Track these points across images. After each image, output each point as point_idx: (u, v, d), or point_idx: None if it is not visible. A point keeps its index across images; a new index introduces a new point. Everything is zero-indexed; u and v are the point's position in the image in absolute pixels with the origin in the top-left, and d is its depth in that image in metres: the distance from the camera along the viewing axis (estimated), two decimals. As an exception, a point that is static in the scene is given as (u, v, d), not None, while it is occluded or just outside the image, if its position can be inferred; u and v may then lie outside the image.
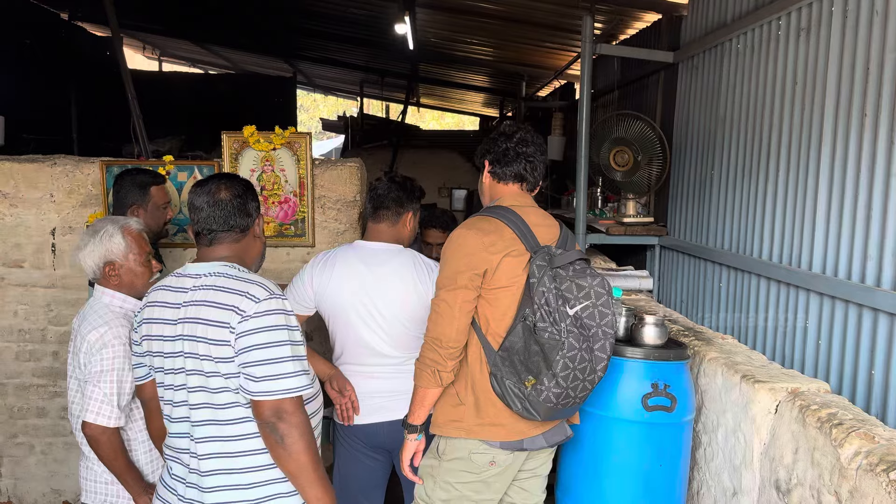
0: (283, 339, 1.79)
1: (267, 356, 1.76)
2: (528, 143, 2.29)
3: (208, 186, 1.95)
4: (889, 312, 2.41)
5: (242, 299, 1.80)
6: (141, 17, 9.71)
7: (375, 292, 2.49)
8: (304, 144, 3.76)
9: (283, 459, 1.79)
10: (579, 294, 2.08)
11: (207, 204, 1.92)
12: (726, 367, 2.59)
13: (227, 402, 1.83)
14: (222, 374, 1.80)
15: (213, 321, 1.80)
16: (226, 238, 1.94)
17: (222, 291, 1.82)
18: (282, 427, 1.76)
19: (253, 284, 1.83)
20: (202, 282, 1.87)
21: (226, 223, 1.93)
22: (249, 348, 1.76)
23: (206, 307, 1.82)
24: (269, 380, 1.76)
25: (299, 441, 1.78)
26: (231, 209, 1.94)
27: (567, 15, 5.68)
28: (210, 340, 1.80)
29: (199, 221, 1.94)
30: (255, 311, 1.78)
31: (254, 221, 2.00)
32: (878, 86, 2.53)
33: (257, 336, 1.77)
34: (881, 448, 1.83)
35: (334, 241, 3.82)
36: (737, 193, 3.54)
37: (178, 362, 1.87)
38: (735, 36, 3.62)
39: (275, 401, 1.76)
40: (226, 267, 1.90)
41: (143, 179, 3.03)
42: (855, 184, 2.62)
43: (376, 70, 11.67)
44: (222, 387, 1.82)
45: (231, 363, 1.79)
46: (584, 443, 2.59)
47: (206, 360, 1.81)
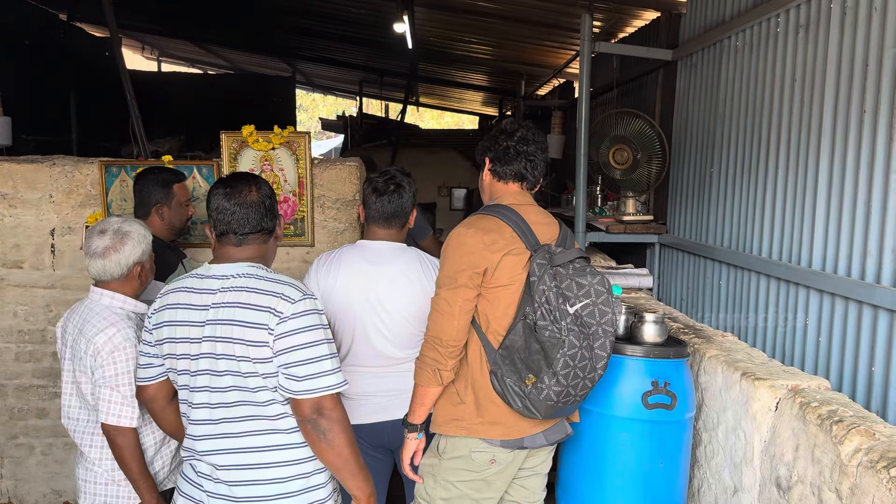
0: (320, 339, 1.84)
1: (307, 356, 1.81)
2: (530, 142, 2.27)
3: (237, 187, 1.95)
4: (889, 309, 2.40)
5: (279, 301, 1.82)
6: (140, 17, 9.70)
7: (383, 292, 2.49)
8: (303, 144, 3.75)
9: (326, 453, 1.86)
10: (579, 292, 2.08)
11: (240, 206, 1.93)
12: (726, 365, 2.59)
13: (267, 400, 1.87)
14: (260, 375, 1.84)
15: (250, 323, 1.82)
16: (255, 240, 1.96)
17: (256, 293, 1.84)
18: (323, 423, 1.83)
19: (286, 286, 1.86)
20: (231, 283, 1.88)
21: (258, 225, 1.95)
22: (290, 349, 1.81)
23: (241, 309, 1.84)
24: (310, 378, 1.81)
25: (341, 435, 1.84)
26: (263, 211, 1.96)
27: (566, 13, 5.67)
28: (248, 342, 1.82)
29: (228, 223, 1.93)
30: (292, 313, 1.81)
31: (278, 223, 2.04)
32: (877, 82, 2.53)
33: (297, 337, 1.81)
34: (882, 445, 1.83)
35: (334, 241, 3.82)
36: (736, 191, 3.54)
37: (204, 364, 1.88)
38: (734, 33, 3.62)
39: (316, 398, 1.82)
40: (253, 268, 1.91)
41: (165, 177, 3.06)
42: (854, 180, 2.62)
43: (375, 69, 11.66)
44: (260, 386, 1.86)
45: (269, 363, 1.83)
46: (584, 441, 2.59)
47: (244, 361, 1.84)
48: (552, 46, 7.36)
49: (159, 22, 10.31)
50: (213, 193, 1.97)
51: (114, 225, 2.34)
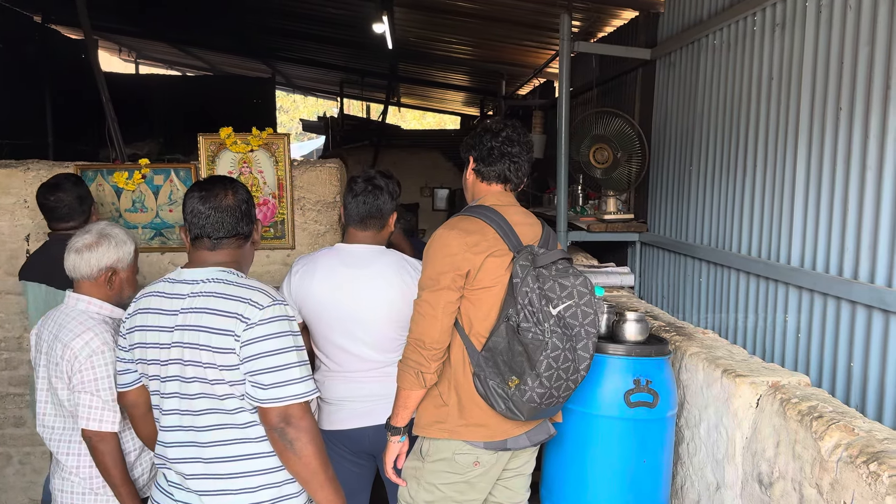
0: (288, 346, 1.80)
1: (274, 363, 1.77)
2: (515, 143, 2.25)
3: (214, 191, 1.92)
4: (866, 304, 2.43)
5: (246, 306, 1.79)
6: (117, 19, 9.60)
7: (359, 295, 2.46)
8: (283, 146, 3.73)
9: (294, 463, 1.81)
10: (562, 293, 2.08)
11: (215, 209, 1.90)
12: (707, 362, 2.60)
13: (235, 408, 1.83)
14: (227, 382, 1.80)
15: (216, 329, 1.79)
16: (230, 244, 1.93)
17: (224, 298, 1.81)
18: (291, 432, 1.78)
19: (255, 291, 1.83)
20: (200, 288, 1.85)
21: (233, 229, 1.92)
22: (256, 356, 1.77)
23: (207, 314, 1.80)
24: (277, 387, 1.76)
25: (309, 445, 1.79)
26: (239, 215, 1.93)
27: (545, 13, 5.68)
28: (214, 348, 1.79)
29: (203, 226, 1.90)
30: (259, 319, 1.78)
31: (254, 228, 2.00)
32: (852, 80, 2.55)
33: (264, 344, 1.77)
34: (861, 440, 1.84)
35: (315, 243, 3.79)
36: (715, 189, 3.56)
37: (173, 370, 1.85)
38: (711, 32, 3.64)
39: (283, 407, 1.77)
40: (224, 273, 1.88)
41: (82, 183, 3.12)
42: (831, 177, 2.64)
43: (356, 70, 11.62)
44: (228, 393, 1.82)
45: (236, 370, 1.79)
46: (567, 440, 2.59)
47: (210, 368, 1.80)
48: (532, 46, 7.38)
49: (136, 24, 10.20)
50: (189, 196, 1.94)
51: (100, 226, 2.32)
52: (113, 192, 3.76)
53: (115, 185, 3.74)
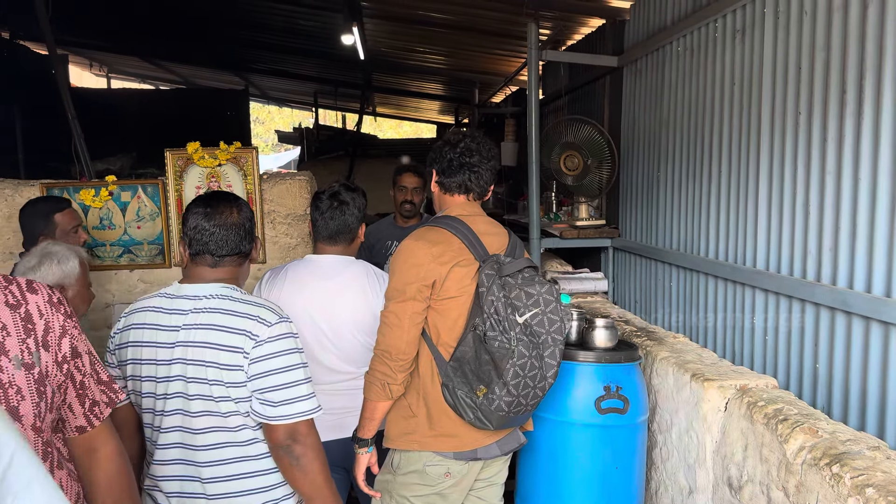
0: (296, 363, 1.81)
1: (284, 381, 1.77)
2: (473, 153, 2.26)
3: (219, 208, 1.89)
4: (829, 306, 2.46)
5: (255, 323, 1.78)
6: (87, 34, 9.51)
7: (327, 306, 2.45)
8: (251, 159, 3.71)
9: (300, 481, 1.81)
10: (528, 302, 2.08)
11: (220, 227, 1.87)
12: (677, 367, 2.62)
13: (238, 425, 1.82)
14: (233, 399, 1.79)
15: (223, 345, 1.77)
16: (231, 262, 1.91)
17: (231, 315, 1.79)
18: (297, 449, 1.78)
19: (262, 308, 1.83)
20: (203, 304, 1.82)
21: (236, 247, 1.90)
22: (266, 373, 1.76)
23: (214, 331, 1.78)
24: (286, 404, 1.77)
25: (315, 462, 1.80)
26: (243, 233, 1.91)
27: (513, 22, 5.72)
28: (221, 365, 1.77)
29: (206, 243, 1.87)
30: (268, 336, 1.78)
31: (254, 247, 1.99)
32: (809, 84, 2.59)
33: (273, 361, 1.77)
34: (824, 442, 1.86)
35: (286, 256, 3.77)
36: (682, 194, 3.60)
37: (174, 386, 1.82)
38: (675, 39, 3.68)
39: (291, 424, 1.77)
40: (227, 289, 1.86)
41: (43, 208, 2.92)
42: (793, 181, 2.68)
43: (329, 80, 11.61)
44: (232, 411, 1.80)
45: (243, 388, 1.78)
46: (540, 448, 2.59)
47: (216, 385, 1.78)
48: (502, 55, 7.42)
49: (107, 38, 10.12)
50: (193, 213, 1.90)
51: (41, 246, 2.29)
52: (80, 209, 3.71)
53: (81, 202, 3.70)
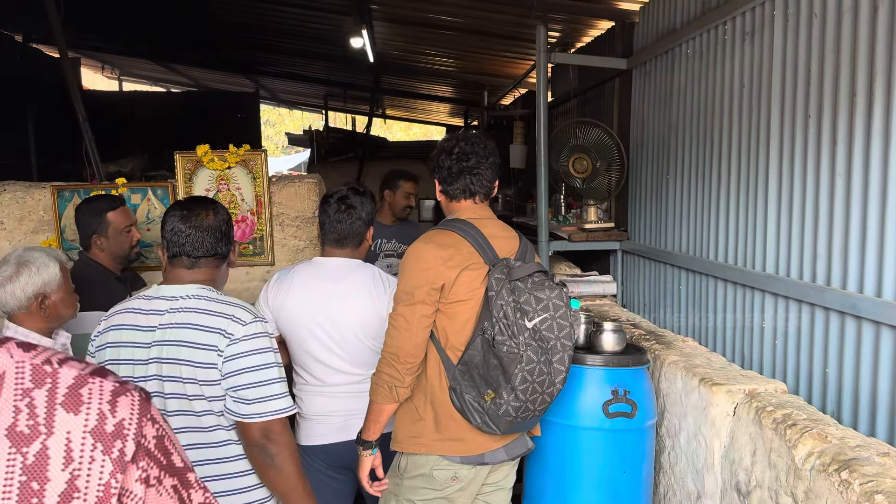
0: (270, 362, 1.83)
1: (257, 379, 1.80)
2: (470, 156, 2.25)
3: (194, 210, 1.95)
4: (839, 311, 2.44)
5: (229, 322, 1.82)
6: (99, 37, 9.58)
7: (334, 308, 2.46)
8: (260, 162, 3.72)
9: (274, 479, 1.83)
10: (538, 306, 2.08)
11: (195, 229, 1.92)
12: (686, 371, 2.61)
13: (212, 426, 1.85)
14: (206, 398, 1.82)
15: (199, 344, 1.81)
16: (208, 263, 1.96)
17: (205, 314, 1.83)
18: (271, 447, 1.81)
19: (237, 308, 1.87)
20: (180, 304, 1.87)
21: (212, 249, 1.95)
22: (239, 371, 1.80)
23: (189, 330, 1.82)
24: (259, 402, 1.80)
25: (289, 459, 1.82)
26: (219, 235, 1.96)
27: (523, 25, 5.71)
28: (196, 363, 1.80)
29: (182, 245, 1.92)
30: (243, 335, 1.81)
31: (232, 249, 2.04)
32: (819, 87, 2.57)
33: (247, 359, 1.80)
34: (833, 448, 1.85)
35: (294, 259, 3.78)
36: (691, 197, 3.58)
37: (150, 385, 1.85)
38: (684, 41, 3.66)
39: (265, 422, 1.80)
40: (203, 290, 1.90)
41: (97, 206, 2.97)
42: (802, 184, 2.66)
43: (339, 83, 11.64)
44: (206, 409, 1.84)
45: (216, 386, 1.81)
46: (548, 452, 2.59)
47: (190, 384, 1.82)
48: (511, 57, 7.41)
49: (119, 41, 10.18)
50: (170, 215, 1.96)
51: (17, 253, 2.26)
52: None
53: (92, 205, 3.71)
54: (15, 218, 3.73)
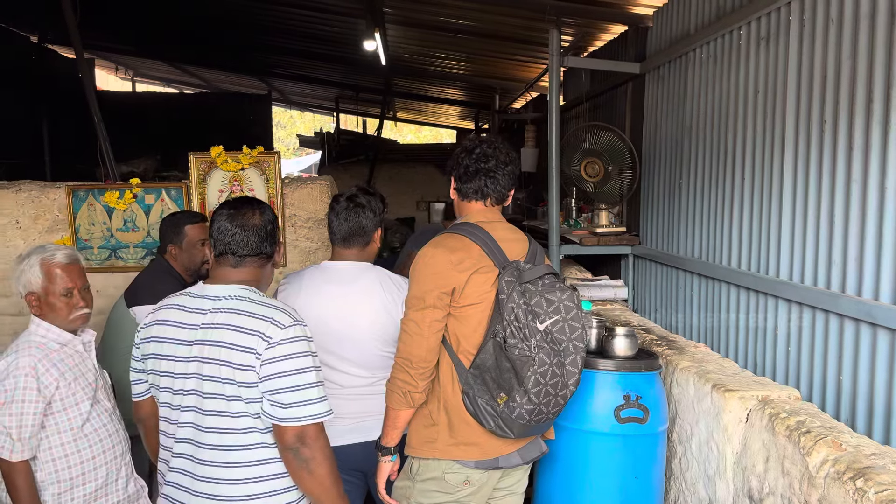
0: (308, 366, 1.84)
1: (294, 383, 1.80)
2: (489, 158, 2.25)
3: (241, 210, 1.97)
4: (853, 318, 2.42)
5: (269, 325, 1.82)
6: (113, 38, 9.65)
7: (342, 312, 2.46)
8: (273, 163, 3.74)
9: (308, 483, 1.84)
10: (549, 308, 2.07)
11: (241, 228, 1.94)
12: (698, 377, 2.60)
13: (246, 427, 1.85)
14: (243, 399, 1.83)
15: (238, 346, 1.82)
16: (253, 262, 1.96)
17: (246, 316, 1.85)
18: (306, 452, 1.81)
19: (277, 310, 1.86)
20: (223, 304, 1.88)
21: (257, 248, 1.95)
22: (277, 375, 1.80)
23: (230, 331, 1.83)
24: (296, 406, 1.80)
25: (323, 464, 1.83)
26: (264, 235, 1.97)
27: (535, 29, 5.72)
28: (234, 365, 1.81)
29: (228, 243, 1.94)
30: (281, 338, 1.81)
31: (277, 250, 2.04)
32: (835, 93, 2.56)
33: (285, 363, 1.80)
34: (848, 455, 1.84)
35: (306, 260, 3.80)
36: (704, 202, 3.57)
37: (190, 383, 1.87)
38: (698, 46, 3.66)
39: (300, 426, 1.80)
40: (246, 291, 1.91)
41: (178, 218, 3.08)
42: (817, 190, 2.65)
43: (351, 86, 11.68)
44: (242, 411, 1.84)
45: (254, 388, 1.81)
46: (559, 457, 2.58)
47: (229, 384, 1.83)
48: (523, 61, 7.42)
49: (133, 42, 10.26)
50: (217, 214, 1.98)
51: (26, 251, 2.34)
52: (104, 211, 3.76)
53: (106, 204, 3.75)
54: (30, 217, 3.77)
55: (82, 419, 2.23)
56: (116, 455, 2.34)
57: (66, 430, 2.21)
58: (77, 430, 2.23)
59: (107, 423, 2.32)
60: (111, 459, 2.31)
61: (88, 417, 2.25)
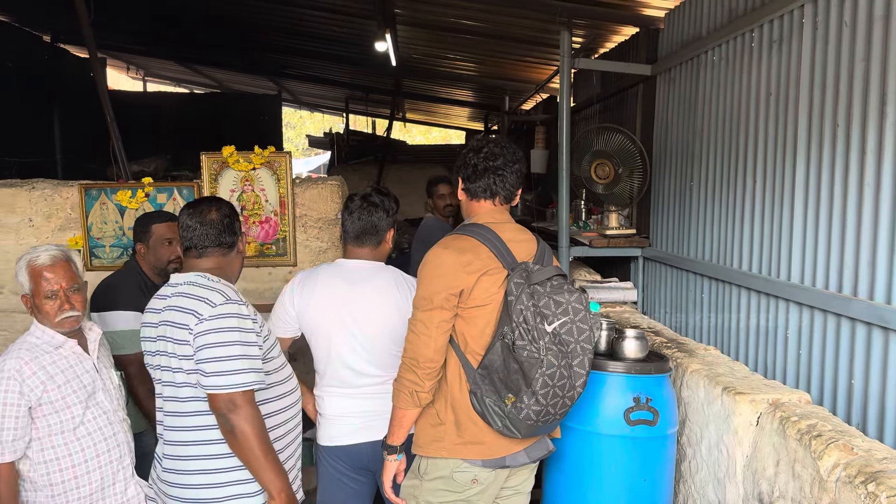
0: (233, 340, 2.03)
1: (217, 354, 2.01)
2: (497, 156, 2.25)
3: (199, 208, 2.21)
4: (866, 322, 2.41)
5: (201, 304, 2.05)
6: (125, 37, 9.71)
7: (357, 310, 2.47)
8: (284, 163, 3.76)
9: (236, 448, 2.03)
10: (557, 310, 2.07)
11: (200, 223, 2.18)
12: (708, 379, 2.59)
13: (188, 396, 2.09)
14: (184, 371, 2.07)
15: (178, 323, 2.06)
16: (214, 253, 2.20)
17: (188, 297, 2.08)
18: (232, 418, 2.00)
19: (214, 292, 2.09)
20: (178, 290, 2.13)
21: (216, 240, 2.19)
22: (203, 347, 2.01)
23: (175, 311, 2.08)
24: (218, 375, 2.00)
25: (249, 430, 2.00)
26: (222, 228, 2.20)
27: (546, 30, 5.72)
28: (176, 340, 2.06)
29: (191, 238, 2.18)
30: (210, 315, 2.03)
31: (238, 239, 2.27)
32: (848, 96, 2.55)
33: (210, 336, 2.02)
34: (859, 459, 1.83)
35: (316, 260, 3.81)
36: (715, 204, 3.56)
37: (156, 360, 2.15)
38: (710, 48, 3.65)
39: (226, 394, 2.00)
40: (199, 277, 2.14)
41: (147, 218, 3.10)
42: (830, 193, 2.64)
43: (361, 86, 11.70)
44: (184, 382, 2.08)
45: (190, 360, 2.04)
46: (567, 458, 2.58)
47: (173, 358, 2.08)
48: (534, 62, 7.41)
49: (144, 42, 10.31)
50: (181, 214, 2.23)
51: None
52: (116, 210, 3.79)
53: (118, 203, 3.77)
54: (43, 215, 3.80)
55: (74, 423, 2.21)
56: (112, 459, 2.31)
57: (58, 432, 2.19)
58: (69, 434, 2.21)
59: (103, 426, 2.29)
60: (106, 464, 2.28)
61: (82, 421, 2.23)
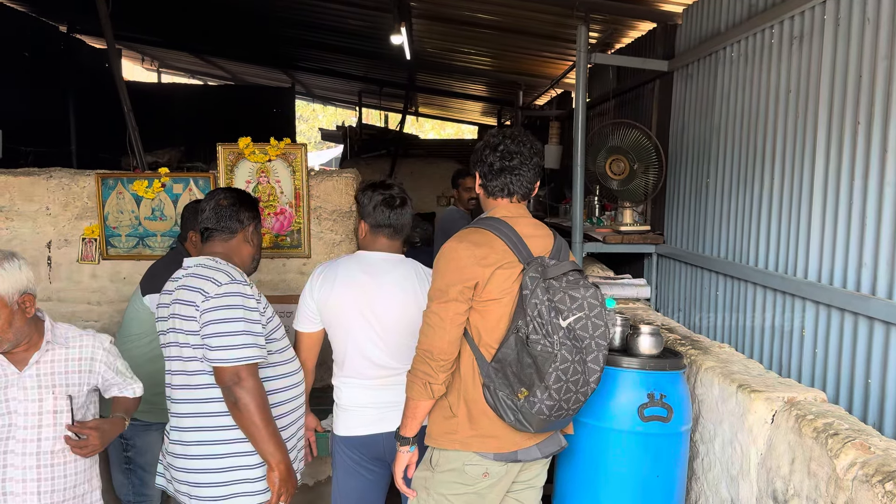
0: (237, 317, 2.17)
1: (222, 329, 2.14)
2: (513, 155, 2.24)
3: (214, 195, 2.42)
4: (884, 321, 2.40)
5: (207, 283, 2.20)
6: (140, 29, 9.74)
7: (377, 302, 2.49)
8: (300, 155, 3.76)
9: (238, 419, 2.16)
10: (572, 305, 2.07)
11: (210, 207, 2.38)
12: (723, 377, 2.58)
13: (196, 370, 2.22)
14: (192, 346, 2.21)
15: (187, 301, 2.21)
16: (218, 237, 2.37)
17: (196, 277, 2.23)
18: (236, 391, 2.12)
19: (219, 272, 2.23)
20: (188, 271, 2.29)
21: (218, 224, 2.36)
22: (208, 323, 2.15)
23: (184, 290, 2.22)
24: (223, 349, 2.13)
25: (251, 402, 2.13)
26: (226, 213, 2.37)
27: (562, 25, 5.69)
28: (184, 317, 2.20)
29: (201, 221, 2.39)
30: (215, 293, 2.18)
31: (244, 227, 2.40)
32: (870, 93, 2.53)
33: (215, 313, 2.16)
34: (877, 458, 1.82)
35: (330, 252, 3.82)
36: (732, 202, 3.54)
37: (168, 337, 2.29)
38: (729, 44, 3.62)
39: (230, 367, 2.13)
40: (208, 259, 2.29)
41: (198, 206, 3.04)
42: (849, 192, 2.62)
43: (374, 80, 11.69)
44: (192, 356, 2.22)
45: (197, 336, 2.19)
46: (580, 454, 2.58)
47: (180, 334, 2.23)
48: (549, 57, 7.38)
49: (159, 33, 10.35)
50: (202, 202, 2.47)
51: None
52: (133, 200, 3.81)
53: (134, 193, 3.80)
54: (60, 204, 3.83)
55: None
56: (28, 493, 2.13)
57: None
58: None
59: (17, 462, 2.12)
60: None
61: None
